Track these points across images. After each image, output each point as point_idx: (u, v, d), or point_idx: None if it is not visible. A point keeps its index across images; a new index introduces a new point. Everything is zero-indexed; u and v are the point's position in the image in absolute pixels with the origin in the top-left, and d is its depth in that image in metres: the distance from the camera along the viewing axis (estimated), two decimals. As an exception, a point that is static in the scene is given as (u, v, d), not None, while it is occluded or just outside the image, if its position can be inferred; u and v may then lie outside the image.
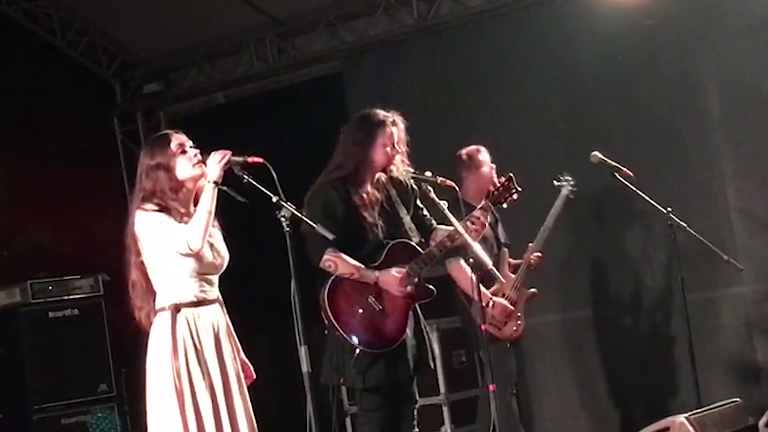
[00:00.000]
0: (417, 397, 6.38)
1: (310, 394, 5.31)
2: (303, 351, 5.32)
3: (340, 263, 6.08)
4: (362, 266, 6.14)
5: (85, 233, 10.51)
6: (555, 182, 7.83)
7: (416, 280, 6.20)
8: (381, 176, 6.30)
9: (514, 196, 6.46)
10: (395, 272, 6.14)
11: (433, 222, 6.42)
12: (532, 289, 7.69)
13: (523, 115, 9.58)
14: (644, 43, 9.04)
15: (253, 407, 5.49)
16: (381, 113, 6.29)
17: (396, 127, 6.28)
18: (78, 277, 9.97)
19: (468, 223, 6.22)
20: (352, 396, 8.47)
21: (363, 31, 10.39)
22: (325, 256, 6.05)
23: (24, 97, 10.59)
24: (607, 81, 9.25)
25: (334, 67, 10.69)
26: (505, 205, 6.50)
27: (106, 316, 9.97)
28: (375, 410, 6.18)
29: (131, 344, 9.70)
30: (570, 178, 7.83)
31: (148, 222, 5.32)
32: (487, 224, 6.36)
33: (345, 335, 6.06)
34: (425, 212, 6.45)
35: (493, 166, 7.70)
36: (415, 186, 6.37)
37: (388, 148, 6.24)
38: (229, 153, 5.32)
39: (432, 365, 6.39)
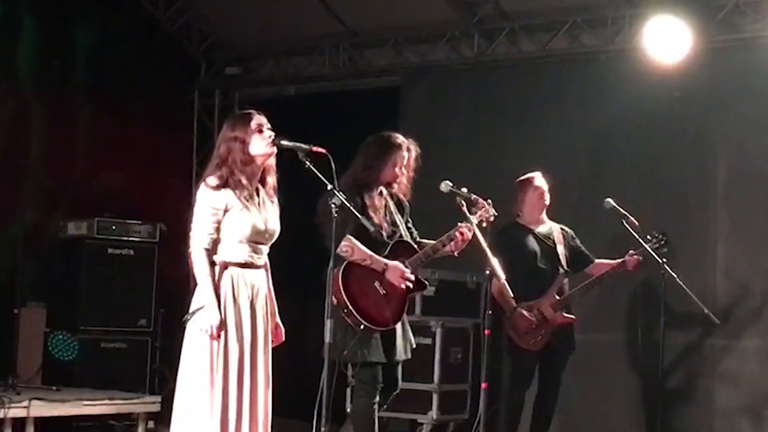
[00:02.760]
0: (399, 383, 6.85)
1: (327, 363, 5.70)
2: (329, 324, 5.70)
3: (356, 250, 6.51)
4: (374, 254, 6.57)
5: (151, 186, 10.91)
6: (642, 239, 7.98)
7: (414, 273, 6.66)
8: (383, 189, 6.78)
9: (491, 219, 6.79)
10: (401, 265, 6.60)
11: (418, 236, 6.90)
12: (572, 316, 7.96)
13: (551, 154, 9.83)
14: (670, 110, 9.46)
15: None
16: (400, 137, 6.76)
17: (409, 153, 6.75)
18: (139, 222, 10.45)
19: (456, 233, 6.66)
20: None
21: (425, 54, 10.85)
22: (343, 243, 6.45)
23: (121, 59, 11.15)
24: (631, 137, 9.67)
25: (394, 81, 11.11)
26: (484, 224, 6.77)
27: (157, 261, 10.47)
28: (371, 383, 6.62)
29: (173, 290, 10.18)
30: (662, 236, 8.00)
31: (198, 200, 5.57)
32: (469, 238, 6.67)
33: (354, 313, 6.49)
34: (412, 227, 6.92)
35: (544, 190, 8.03)
36: (406, 203, 6.83)
37: (397, 169, 6.73)
38: None
39: (410, 356, 6.82)
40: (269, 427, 5.67)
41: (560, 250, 8.09)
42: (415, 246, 6.79)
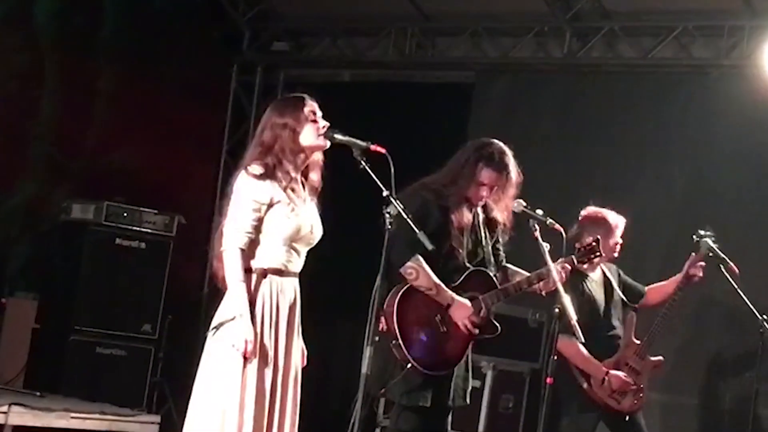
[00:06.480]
0: (449, 430, 6.48)
1: (361, 396, 5.35)
2: (368, 351, 5.34)
3: (422, 275, 6.12)
4: (441, 284, 6.17)
5: (172, 170, 10.61)
6: (694, 237, 7.52)
7: (486, 312, 6.28)
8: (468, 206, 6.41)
9: (596, 260, 6.64)
10: (468, 303, 6.21)
11: (505, 260, 6.53)
12: (659, 357, 7.52)
13: (642, 177, 9.62)
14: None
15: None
16: (499, 152, 6.29)
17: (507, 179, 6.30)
18: (155, 211, 10.00)
19: (546, 272, 6.29)
20: (388, 409, 8.20)
21: (507, 49, 10.47)
22: (409, 263, 6.07)
23: (155, 17, 10.71)
24: (736, 167, 9.24)
25: (468, 77, 10.66)
26: (585, 265, 6.68)
27: (171, 258, 10.02)
28: (410, 431, 6.23)
29: (185, 294, 10.16)
30: (711, 232, 7.52)
31: (238, 190, 5.32)
32: (566, 277, 6.35)
33: (403, 347, 6.09)
34: (501, 248, 6.53)
35: (620, 242, 7.49)
36: (506, 222, 6.45)
37: (484, 191, 6.33)
38: None
39: (467, 401, 6.45)
40: None
41: (618, 289, 7.66)
42: (494, 278, 6.40)
